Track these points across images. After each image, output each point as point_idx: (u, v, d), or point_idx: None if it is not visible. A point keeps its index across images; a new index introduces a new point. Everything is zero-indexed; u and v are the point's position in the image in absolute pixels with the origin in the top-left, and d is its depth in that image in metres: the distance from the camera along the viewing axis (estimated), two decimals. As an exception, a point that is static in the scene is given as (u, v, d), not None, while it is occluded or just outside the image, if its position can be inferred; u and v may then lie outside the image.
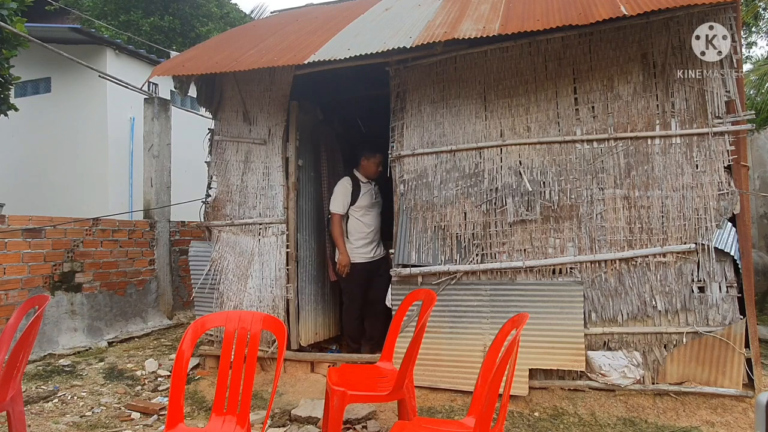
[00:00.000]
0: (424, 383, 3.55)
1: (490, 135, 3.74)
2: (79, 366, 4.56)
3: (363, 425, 3.23)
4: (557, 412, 3.27)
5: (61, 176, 8.03)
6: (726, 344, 3.19)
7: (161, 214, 6.45)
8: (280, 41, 4.25)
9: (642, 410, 3.20)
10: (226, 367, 2.32)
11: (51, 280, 5.05)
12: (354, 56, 3.55)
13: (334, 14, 4.91)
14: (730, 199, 3.26)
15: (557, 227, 3.52)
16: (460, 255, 3.67)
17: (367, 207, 4.31)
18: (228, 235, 4.38)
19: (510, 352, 1.89)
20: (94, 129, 7.93)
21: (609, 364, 3.34)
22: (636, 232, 3.39)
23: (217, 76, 4.40)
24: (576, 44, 3.61)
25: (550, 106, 3.63)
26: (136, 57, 8.40)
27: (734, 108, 3.32)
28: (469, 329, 3.58)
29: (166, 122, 6.67)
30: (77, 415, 3.54)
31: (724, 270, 3.24)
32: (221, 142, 4.53)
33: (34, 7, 6.08)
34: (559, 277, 3.47)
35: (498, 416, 2.02)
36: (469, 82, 3.83)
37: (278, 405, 3.57)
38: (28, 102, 8.08)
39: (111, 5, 11.63)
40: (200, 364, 4.39)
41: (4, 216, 4.79)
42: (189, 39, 11.64)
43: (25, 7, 5.40)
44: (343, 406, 2.50)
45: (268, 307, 4.17)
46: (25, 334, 2.40)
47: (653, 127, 3.44)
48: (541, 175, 3.58)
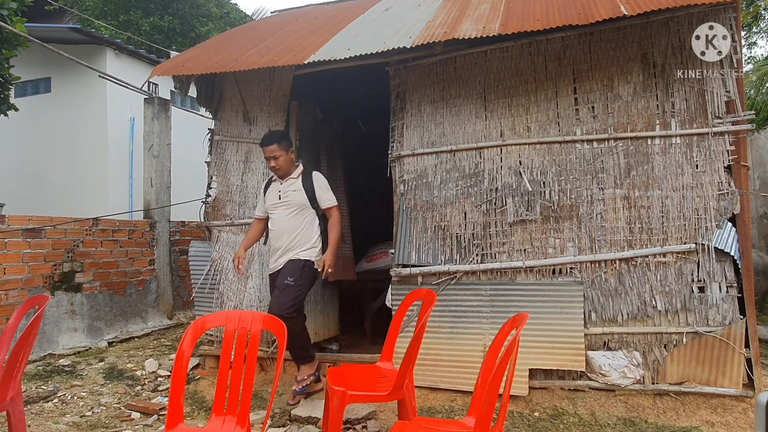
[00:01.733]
0: (424, 383, 3.55)
1: (490, 135, 3.74)
2: (79, 366, 4.56)
3: (363, 425, 3.23)
4: (557, 412, 3.27)
5: (61, 176, 8.02)
6: (726, 344, 3.19)
7: (161, 214, 6.45)
8: (280, 41, 4.25)
9: (642, 410, 3.20)
10: (226, 367, 2.32)
11: (51, 280, 5.05)
12: (354, 56, 3.55)
13: (334, 14, 4.91)
14: (730, 199, 3.26)
15: (557, 227, 3.52)
16: (460, 255, 3.67)
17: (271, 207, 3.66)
18: (228, 235, 4.38)
19: (510, 352, 1.89)
20: (94, 129, 7.93)
21: (609, 364, 3.34)
22: (636, 232, 3.39)
23: (217, 76, 4.40)
24: (576, 44, 3.61)
25: (550, 106, 3.63)
26: (136, 57, 8.40)
27: (734, 108, 3.32)
28: (469, 329, 3.58)
29: (166, 122, 6.67)
30: (77, 415, 3.54)
31: (724, 270, 3.24)
32: (221, 142, 4.53)
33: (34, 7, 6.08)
34: (559, 277, 3.47)
35: (498, 416, 2.02)
36: (469, 82, 3.83)
37: (278, 405, 3.57)
38: (28, 102, 8.08)
39: (111, 5, 11.63)
40: (200, 364, 4.39)
41: (4, 216, 4.79)
42: (189, 39, 11.64)
43: (25, 7, 5.40)
44: (343, 406, 2.50)
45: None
46: (25, 334, 2.40)
47: (653, 127, 3.44)
48: (541, 175, 3.58)
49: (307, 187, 3.57)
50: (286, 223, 3.55)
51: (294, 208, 3.56)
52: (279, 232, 3.58)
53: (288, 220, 3.55)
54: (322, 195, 3.60)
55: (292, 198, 3.56)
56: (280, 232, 3.57)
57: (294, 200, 3.55)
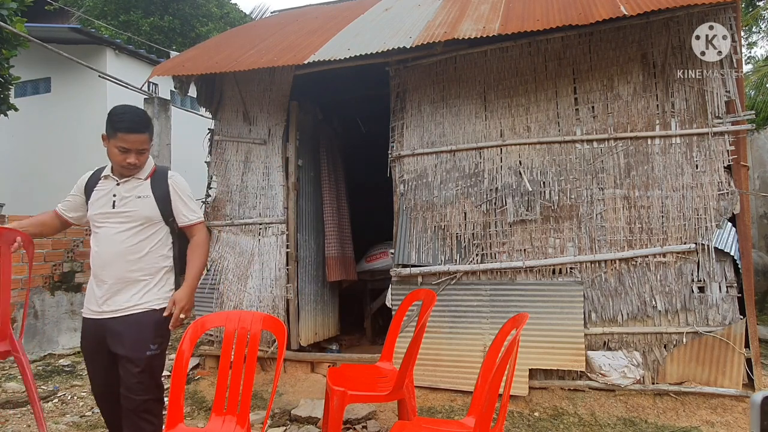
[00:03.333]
0: (424, 383, 3.55)
1: (490, 135, 3.74)
2: (79, 366, 4.56)
3: (363, 425, 3.24)
4: (557, 412, 3.27)
5: (61, 176, 8.00)
6: (726, 344, 3.19)
7: (161, 214, 6.44)
8: (280, 41, 4.26)
9: (642, 410, 3.20)
10: (226, 367, 2.32)
11: (51, 280, 5.05)
12: (354, 56, 3.56)
13: (334, 14, 4.92)
14: (730, 199, 3.26)
15: (557, 227, 3.52)
16: (460, 255, 3.67)
17: (98, 217, 2.38)
18: (228, 235, 4.38)
19: (510, 352, 1.89)
20: (94, 129, 7.91)
21: (609, 364, 3.34)
22: (636, 232, 3.39)
23: (217, 76, 4.40)
24: (576, 44, 3.61)
25: (550, 106, 3.63)
26: (136, 57, 8.40)
27: (734, 108, 3.32)
28: (469, 329, 3.58)
29: (166, 122, 6.67)
30: (77, 415, 3.54)
31: (724, 270, 3.24)
32: (221, 142, 4.53)
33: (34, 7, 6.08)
34: (559, 277, 3.47)
35: (498, 416, 2.02)
36: (469, 82, 3.83)
37: (278, 405, 3.57)
38: (28, 102, 8.08)
39: (111, 5, 11.63)
40: (200, 364, 4.39)
41: (4, 216, 4.79)
42: (189, 39, 11.64)
43: (25, 7, 5.40)
44: (343, 406, 2.50)
45: (268, 307, 4.17)
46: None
47: (653, 127, 3.44)
48: (541, 175, 3.58)
49: (158, 194, 2.41)
50: (119, 244, 2.32)
51: (136, 222, 2.35)
52: (108, 257, 2.32)
53: (124, 241, 2.32)
54: (180, 207, 2.46)
55: (134, 207, 2.35)
56: (110, 258, 2.32)
57: (138, 212, 2.35)
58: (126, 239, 2.33)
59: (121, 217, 2.34)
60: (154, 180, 2.43)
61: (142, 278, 2.35)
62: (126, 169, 2.34)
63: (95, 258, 2.37)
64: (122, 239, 2.33)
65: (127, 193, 2.36)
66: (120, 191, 2.36)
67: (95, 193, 2.41)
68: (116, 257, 2.32)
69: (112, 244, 2.33)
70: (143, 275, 2.35)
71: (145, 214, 2.36)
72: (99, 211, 2.37)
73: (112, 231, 2.34)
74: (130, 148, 2.30)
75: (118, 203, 2.34)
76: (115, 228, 2.34)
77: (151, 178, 2.43)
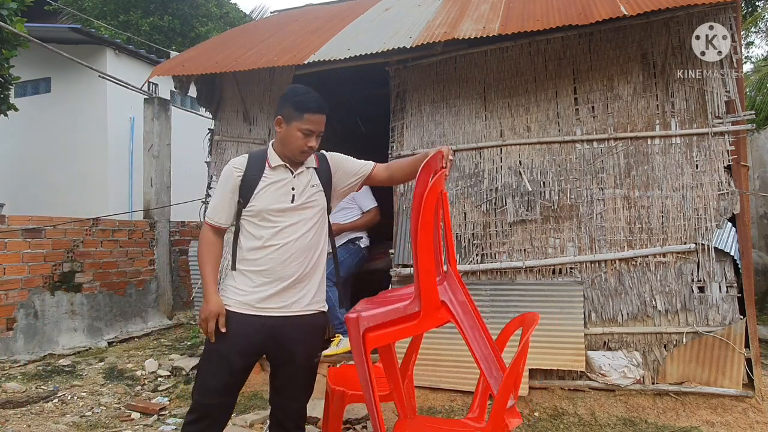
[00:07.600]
0: (424, 383, 3.54)
1: (490, 135, 3.74)
2: (79, 366, 4.56)
3: (363, 425, 3.24)
4: (557, 412, 3.27)
5: (61, 176, 8.02)
6: (726, 344, 3.19)
7: (161, 214, 6.45)
8: (280, 41, 4.26)
9: (642, 410, 3.20)
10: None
11: (51, 280, 5.04)
12: (354, 56, 3.56)
13: (334, 14, 4.92)
14: (730, 199, 3.26)
15: (557, 227, 3.52)
16: (460, 255, 3.67)
17: (270, 212, 2.18)
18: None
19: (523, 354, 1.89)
20: (94, 129, 7.93)
21: (609, 364, 3.34)
22: (636, 232, 3.39)
23: (217, 76, 4.40)
24: (576, 44, 3.61)
25: (550, 106, 3.63)
26: (136, 57, 8.39)
27: (734, 108, 3.32)
28: (469, 329, 3.57)
29: (166, 122, 6.67)
30: (77, 415, 3.54)
31: (724, 270, 3.24)
32: (221, 142, 4.53)
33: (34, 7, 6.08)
34: (559, 277, 3.47)
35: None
36: (469, 82, 3.83)
37: (278, 405, 3.57)
38: (28, 102, 8.07)
39: (111, 5, 11.62)
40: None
41: (4, 216, 4.79)
42: (189, 39, 11.63)
43: (25, 7, 5.40)
44: (343, 406, 2.50)
45: (268, 307, 4.16)
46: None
47: (653, 127, 3.44)
48: (541, 175, 3.58)
49: (324, 181, 2.28)
50: (302, 241, 2.17)
51: (316, 216, 2.23)
52: (289, 254, 2.15)
53: (305, 237, 2.19)
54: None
55: (314, 200, 2.22)
56: (291, 255, 2.16)
57: (317, 203, 2.24)
58: (306, 236, 2.18)
59: (304, 209, 2.19)
60: (318, 166, 2.29)
61: (319, 280, 2.24)
62: (305, 154, 2.20)
63: (273, 254, 2.15)
64: (302, 235, 2.17)
65: (302, 183, 2.21)
66: (297, 182, 2.20)
67: (263, 183, 2.19)
68: (297, 255, 2.16)
69: (293, 242, 2.16)
70: (319, 276, 2.24)
71: (322, 205, 2.25)
72: (275, 205, 2.16)
73: (293, 227, 2.17)
74: (314, 130, 2.16)
75: (299, 196, 2.19)
76: (296, 225, 2.17)
77: (317, 167, 2.29)
